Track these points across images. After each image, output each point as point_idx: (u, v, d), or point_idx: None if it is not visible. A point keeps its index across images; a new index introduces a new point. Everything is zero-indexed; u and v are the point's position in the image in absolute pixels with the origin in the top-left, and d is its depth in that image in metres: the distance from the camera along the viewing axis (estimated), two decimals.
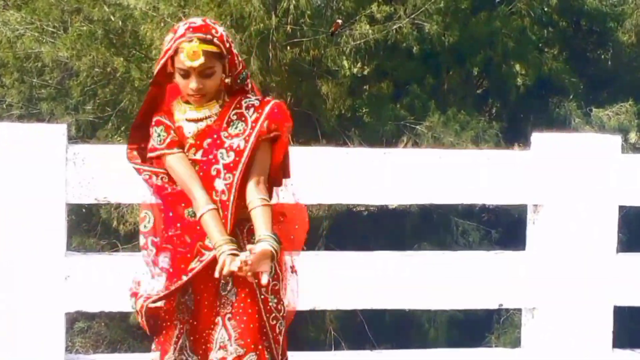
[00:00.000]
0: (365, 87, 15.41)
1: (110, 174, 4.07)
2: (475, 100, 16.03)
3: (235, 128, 3.22)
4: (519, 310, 4.66)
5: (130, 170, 3.72)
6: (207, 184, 3.23)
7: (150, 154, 3.33)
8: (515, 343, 4.66)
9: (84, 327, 14.31)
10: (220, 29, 3.29)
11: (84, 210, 13.33)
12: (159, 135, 3.28)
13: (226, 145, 3.20)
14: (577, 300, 4.43)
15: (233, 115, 3.26)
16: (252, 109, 3.24)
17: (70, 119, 13.53)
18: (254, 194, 3.16)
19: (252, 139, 3.19)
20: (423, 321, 13.39)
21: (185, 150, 3.26)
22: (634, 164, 4.66)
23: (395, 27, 14.09)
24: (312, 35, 14.02)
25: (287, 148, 3.35)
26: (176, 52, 3.20)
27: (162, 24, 13.21)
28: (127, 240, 13.07)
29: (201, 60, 3.14)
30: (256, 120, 3.21)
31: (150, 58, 13.53)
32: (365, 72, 15.22)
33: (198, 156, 3.25)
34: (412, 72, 15.03)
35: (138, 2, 13.27)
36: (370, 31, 13.97)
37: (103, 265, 4.29)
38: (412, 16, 14.09)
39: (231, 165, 3.18)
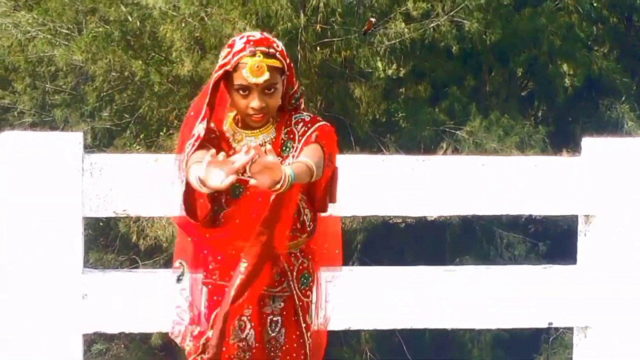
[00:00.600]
0: (401, 89, 15.45)
1: (129, 185, 4.08)
2: (520, 103, 16.02)
3: (287, 150, 3.20)
4: (570, 329, 4.59)
5: (150, 181, 3.81)
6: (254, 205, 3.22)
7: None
8: None
9: (103, 349, 14.36)
10: (280, 43, 3.24)
11: (101, 224, 13.43)
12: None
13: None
14: (633, 318, 4.39)
15: (284, 135, 3.22)
16: (301, 124, 3.20)
17: (85, 126, 13.58)
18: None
19: (298, 151, 3.16)
20: (466, 341, 13.38)
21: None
22: None
23: (432, 25, 14.10)
24: (344, 34, 14.03)
25: (335, 171, 3.29)
26: (235, 68, 3.14)
27: (183, 24, 13.31)
28: (147, 255, 13.23)
29: (266, 76, 3.08)
30: (304, 134, 3.17)
31: (170, 60, 13.64)
32: (401, 74, 15.25)
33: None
34: (451, 73, 15.08)
35: (157, 1, 13.31)
36: (406, 30, 13.97)
37: (122, 283, 4.30)
38: (451, 13, 14.10)
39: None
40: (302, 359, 3.27)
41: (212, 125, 3.21)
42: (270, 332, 3.25)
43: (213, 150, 2.90)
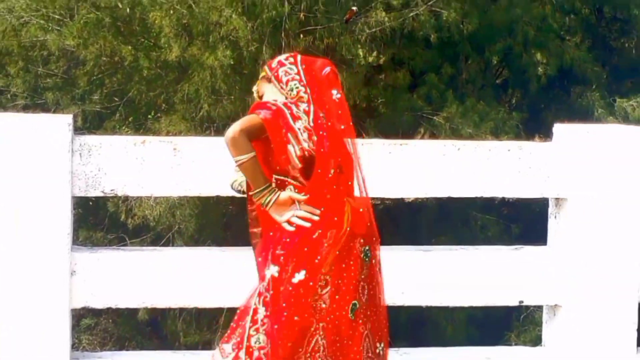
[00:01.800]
0: (381, 76, 15.37)
1: (117, 165, 4.10)
2: (495, 91, 15.97)
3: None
4: (540, 307, 4.66)
5: (138, 162, 3.89)
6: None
7: None
8: (536, 341, 4.77)
9: (91, 323, 14.32)
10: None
11: (90, 203, 13.35)
12: None
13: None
14: (601, 297, 4.40)
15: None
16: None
17: (76, 109, 13.53)
18: None
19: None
20: (440, 319, 13.39)
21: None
22: None
23: (412, 14, 14.01)
24: (326, 23, 13.95)
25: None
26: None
27: (172, 11, 13.17)
28: (135, 234, 13.24)
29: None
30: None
31: (159, 46, 13.56)
32: (381, 62, 15.15)
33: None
34: (430, 62, 15.01)
35: None
36: (386, 19, 13.90)
37: (111, 260, 4.28)
38: (430, 3, 14.03)
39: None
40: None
41: None
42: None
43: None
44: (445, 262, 4.47)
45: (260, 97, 4.18)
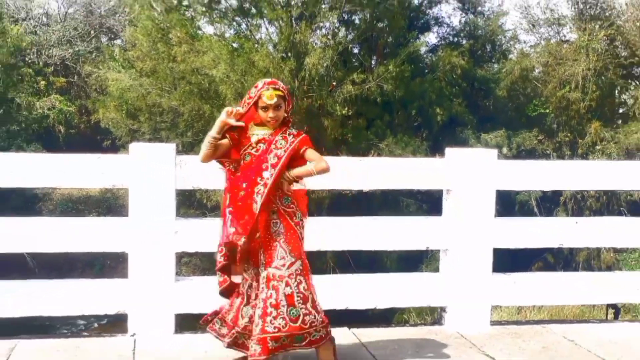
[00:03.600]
0: (349, 122, 16.52)
1: (200, 172, 4.27)
2: (413, 130, 17.23)
3: (279, 144, 3.54)
4: (439, 250, 4.71)
5: (210, 170, 3.96)
6: (258, 172, 3.48)
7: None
8: (436, 269, 4.80)
9: (187, 260, 15.70)
10: (281, 84, 3.54)
11: (186, 193, 14.02)
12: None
13: (272, 153, 3.52)
14: (471, 244, 4.60)
15: (280, 137, 3.55)
16: (291, 136, 3.56)
17: (178, 141, 14.81)
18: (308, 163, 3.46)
19: (287, 152, 3.50)
20: (383, 258, 14.59)
21: (248, 148, 3.56)
22: (505, 166, 4.89)
23: (367, 86, 15.63)
24: (319, 91, 15.46)
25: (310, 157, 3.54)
26: (259, 97, 3.48)
27: (232, 85, 14.94)
28: (211, 210, 14.40)
29: (274, 100, 3.47)
30: (292, 143, 3.54)
31: (224, 105, 12.85)
32: (350, 113, 16.33)
33: (254, 152, 3.55)
34: (377, 113, 16.46)
35: (217, 72, 14.72)
36: (352, 89, 15.50)
37: (197, 225, 4.48)
38: (377, 80, 15.68)
39: (273, 164, 3.51)
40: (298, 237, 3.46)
41: (242, 123, 3.48)
42: (272, 227, 3.52)
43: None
44: (384, 226, 4.57)
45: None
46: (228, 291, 3.57)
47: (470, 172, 4.61)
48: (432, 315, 6.25)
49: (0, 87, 18.50)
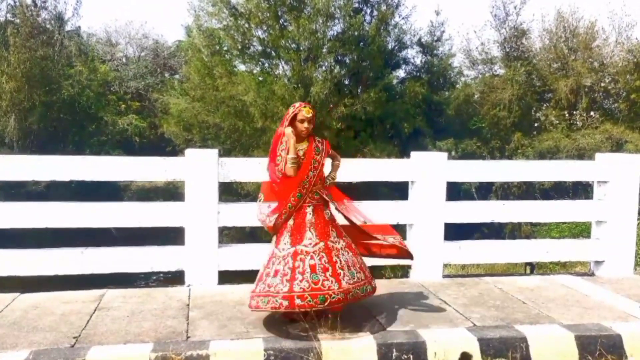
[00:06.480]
0: (342, 133, 16.29)
1: (237, 169, 4.21)
2: (388, 138, 16.93)
3: (318, 151, 3.48)
4: (406, 225, 4.59)
5: (245, 167, 3.86)
6: (305, 171, 3.38)
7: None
8: (404, 239, 4.37)
9: (227, 232, 14.39)
10: (310, 107, 3.34)
11: (225, 185, 11.51)
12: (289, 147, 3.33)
13: (315, 158, 3.44)
14: (429, 220, 4.54)
15: (314, 145, 3.47)
16: (321, 143, 3.48)
17: (220, 147, 13.93)
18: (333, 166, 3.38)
19: (324, 156, 3.47)
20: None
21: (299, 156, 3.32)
22: (453, 164, 4.76)
23: (355, 108, 15.59)
24: (321, 111, 15.11)
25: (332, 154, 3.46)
26: (299, 112, 3.36)
27: (258, 107, 14.64)
28: (245, 196, 14.17)
29: (311, 114, 3.38)
30: (325, 149, 3.50)
31: (254, 122, 14.67)
32: (343, 127, 16.22)
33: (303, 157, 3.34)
34: (362, 127, 16.29)
35: (248, 98, 14.46)
36: (344, 110, 15.46)
37: (234, 208, 4.41)
38: (362, 104, 15.64)
39: (317, 165, 3.44)
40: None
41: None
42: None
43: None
44: (368, 207, 4.34)
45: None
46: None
47: (428, 169, 4.63)
48: (402, 270, 6.33)
49: (93, 109, 18.89)
